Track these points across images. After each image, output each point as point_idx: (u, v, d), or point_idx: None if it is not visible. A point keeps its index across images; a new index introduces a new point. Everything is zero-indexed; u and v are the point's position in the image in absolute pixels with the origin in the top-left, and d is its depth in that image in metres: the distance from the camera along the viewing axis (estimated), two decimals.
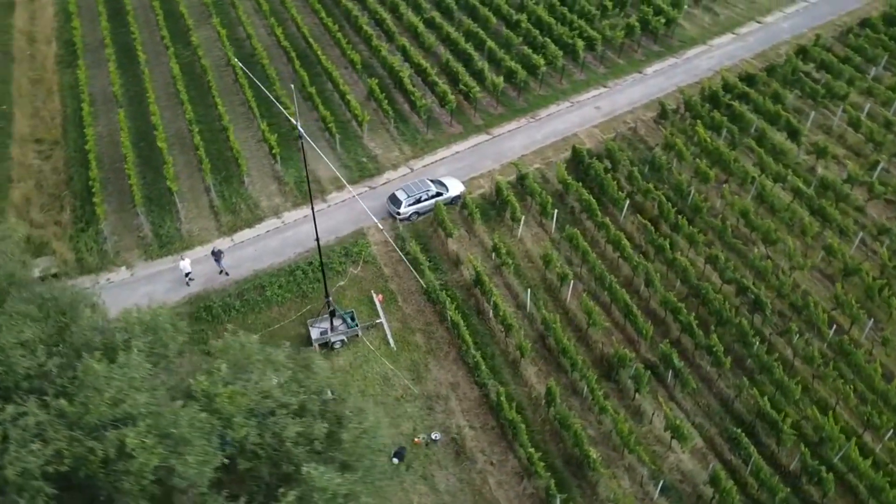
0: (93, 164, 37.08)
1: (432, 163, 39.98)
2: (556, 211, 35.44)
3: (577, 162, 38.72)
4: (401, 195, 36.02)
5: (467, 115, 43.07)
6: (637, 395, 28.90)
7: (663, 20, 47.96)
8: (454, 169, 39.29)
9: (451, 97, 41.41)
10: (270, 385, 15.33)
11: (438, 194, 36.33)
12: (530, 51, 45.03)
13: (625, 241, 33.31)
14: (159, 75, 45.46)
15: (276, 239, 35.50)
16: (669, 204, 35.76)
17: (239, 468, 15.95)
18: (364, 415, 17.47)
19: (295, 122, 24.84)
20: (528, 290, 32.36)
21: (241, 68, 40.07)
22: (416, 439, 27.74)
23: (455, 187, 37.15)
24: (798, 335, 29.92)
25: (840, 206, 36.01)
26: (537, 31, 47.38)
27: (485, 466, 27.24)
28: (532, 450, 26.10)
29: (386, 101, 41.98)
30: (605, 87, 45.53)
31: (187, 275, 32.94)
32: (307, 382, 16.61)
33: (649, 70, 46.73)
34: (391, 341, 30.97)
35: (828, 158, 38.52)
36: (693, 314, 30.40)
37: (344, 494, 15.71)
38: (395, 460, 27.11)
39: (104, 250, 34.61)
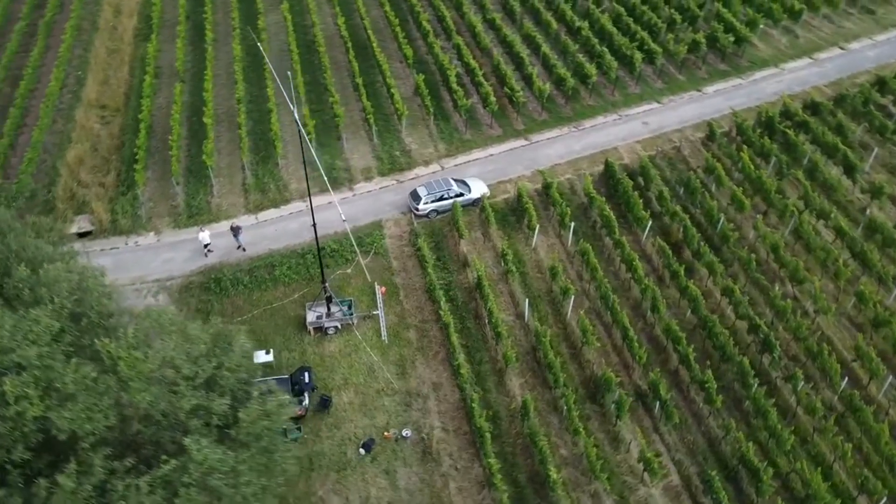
0: (142, 133, 39.26)
1: (465, 162, 39.91)
2: (573, 223, 34.66)
3: (609, 176, 37.67)
4: (422, 191, 36.20)
5: (510, 119, 42.71)
6: (618, 421, 27.91)
7: (733, 38, 45.85)
8: (484, 171, 39.08)
9: (493, 99, 41.17)
10: (175, 355, 15.87)
11: (460, 194, 36.23)
12: (584, 59, 44.07)
13: (637, 263, 32.15)
14: (224, 55, 47.54)
15: (297, 221, 36.43)
16: (695, 229, 34.24)
17: (129, 431, 16.59)
18: (271, 397, 17.75)
19: (292, 109, 25.42)
20: (527, 299, 31.84)
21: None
22: (386, 433, 27.91)
23: (478, 189, 36.95)
24: (803, 382, 28.02)
25: (886, 251, 33.42)
26: (597, 40, 46.36)
27: (448, 470, 27.09)
28: (494, 460, 25.72)
29: (430, 98, 42.23)
30: (658, 102, 44.01)
31: (206, 246, 34.37)
32: (223, 359, 17.07)
33: (709, 89, 44.78)
34: (384, 334, 31.24)
35: (883, 199, 35.78)
36: (693, 346, 29.07)
37: (225, 471, 16.04)
38: (363, 451, 27.42)
39: (138, 215, 36.62)
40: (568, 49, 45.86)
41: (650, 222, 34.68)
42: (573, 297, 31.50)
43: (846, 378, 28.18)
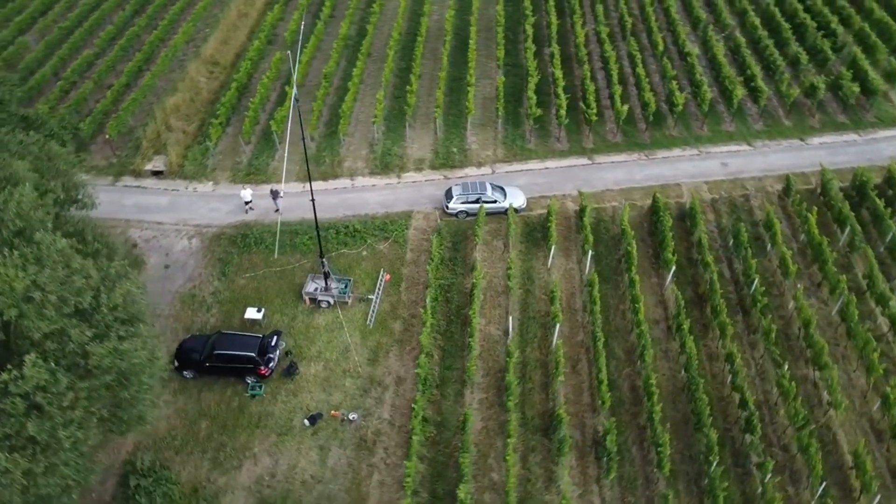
0: (232, 91, 42.70)
1: (518, 171, 39.37)
2: (591, 251, 33.19)
3: (654, 212, 35.52)
4: (456, 190, 36.32)
5: (581, 136, 41.39)
6: (558, 459, 26.67)
7: (858, 88, 41.07)
8: (533, 183, 38.34)
9: (563, 112, 40.12)
10: (47, 282, 17.34)
11: (493, 201, 35.89)
12: (676, 86, 41.55)
13: (640, 305, 30.24)
14: (332, 30, 50.07)
15: (337, 197, 38.00)
16: (723, 284, 31.56)
17: None
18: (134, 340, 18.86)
19: (293, 90, 26.69)
20: (510, 317, 31.09)
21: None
22: (334, 412, 28.71)
23: (514, 199, 36.35)
24: (771, 475, 25.11)
25: None
26: (701, 68, 43.53)
27: (378, 463, 27.38)
28: (414, 464, 25.69)
29: (510, 103, 42.07)
30: (749, 145, 40.59)
31: (247, 203, 36.88)
32: (103, 296, 18.44)
33: (815, 140, 40.56)
34: (371, 319, 31.94)
35: None
36: (675, 406, 27.02)
37: (54, 391, 17.41)
38: (307, 423, 28.45)
39: (204, 164, 40.00)
40: (666, 73, 43.43)
41: (674, 267, 32.36)
42: (559, 325, 30.30)
43: (824, 483, 24.82)
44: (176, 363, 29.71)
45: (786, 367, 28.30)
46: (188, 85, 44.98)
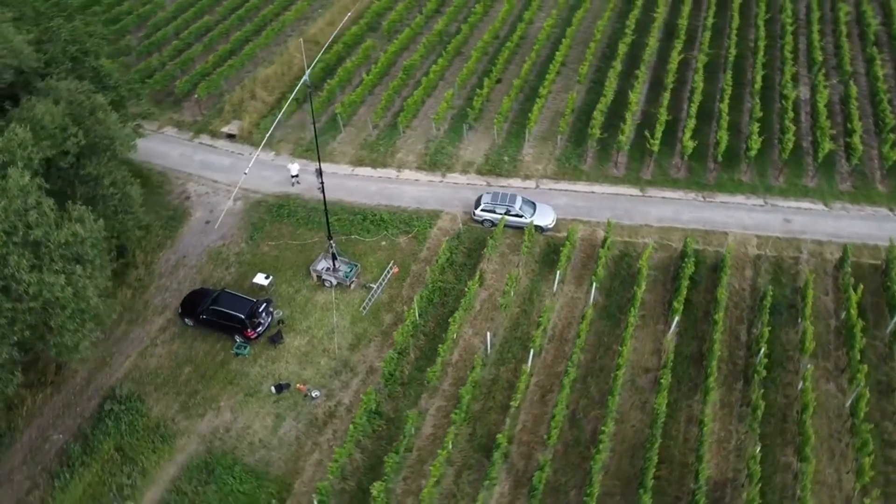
0: (316, 70, 45.06)
1: (561, 190, 38.49)
2: (595, 285, 31.94)
3: (682, 256, 33.46)
4: (485, 199, 36.23)
5: (642, 165, 39.64)
6: (486, 484, 26.20)
7: None
8: (571, 205, 37.36)
9: (623, 137, 38.60)
10: None
11: (519, 216, 35.44)
12: (757, 128, 38.61)
13: (624, 348, 28.79)
14: (434, 24, 51.08)
15: (377, 186, 39.14)
16: (720, 345, 29.28)
17: None
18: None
19: (306, 77, 27.97)
20: (489, 333, 30.68)
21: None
22: (300, 385, 29.96)
23: (543, 217, 35.65)
24: None
25: None
26: (793, 114, 40.14)
27: (323, 443, 28.20)
28: (345, 450, 26.33)
29: (578, 120, 41.24)
30: (826, 205, 36.98)
31: (294, 177, 38.98)
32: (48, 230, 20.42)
33: None
34: (365, 307, 32.83)
35: None
36: (628, 459, 25.70)
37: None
38: (274, 390, 29.94)
39: (273, 135, 42.59)
40: (752, 115, 40.40)
41: (678, 317, 30.40)
42: (536, 351, 29.56)
43: None
44: (180, 310, 32.32)
45: (758, 448, 25.83)
46: (284, 59, 47.92)
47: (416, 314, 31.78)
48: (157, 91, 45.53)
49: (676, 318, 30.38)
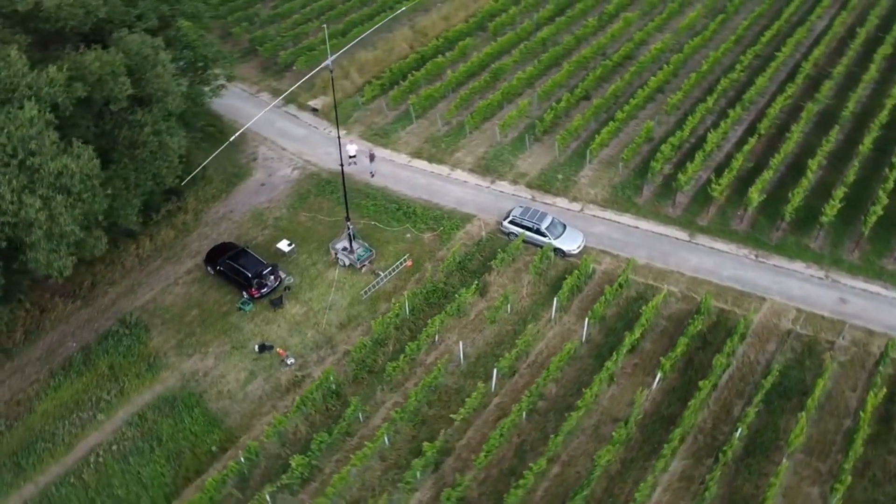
0: (408, 60, 46.26)
1: (603, 218, 36.90)
2: (588, 320, 30.47)
3: (695, 311, 31.01)
4: (515, 212, 35.65)
5: (702, 208, 36.95)
6: (400, 484, 26.15)
7: None
8: (608, 236, 35.75)
9: (683, 178, 36.17)
10: None
11: (544, 235, 34.52)
12: (843, 193, 34.63)
13: (586, 391, 27.36)
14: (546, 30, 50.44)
15: (426, 180, 39.70)
16: (694, 416, 26.93)
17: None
18: None
19: (329, 62, 29.08)
20: (461, 342, 30.26)
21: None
22: (280, 350, 31.47)
23: (569, 242, 34.46)
24: None
25: None
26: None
27: (279, 408, 29.41)
28: (284, 419, 27.42)
29: (655, 150, 39.25)
30: None
31: (352, 157, 40.51)
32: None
33: None
34: (367, 292, 33.66)
35: None
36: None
37: None
38: (256, 349, 31.70)
39: (350, 115, 44.54)
40: (846, 178, 36.25)
41: (660, 374, 28.29)
42: (498, 371, 28.85)
43: None
44: (205, 258, 35.06)
45: None
46: (387, 46, 49.68)
47: (407, 309, 32.11)
48: (265, 59, 49.07)
49: (659, 374, 28.28)
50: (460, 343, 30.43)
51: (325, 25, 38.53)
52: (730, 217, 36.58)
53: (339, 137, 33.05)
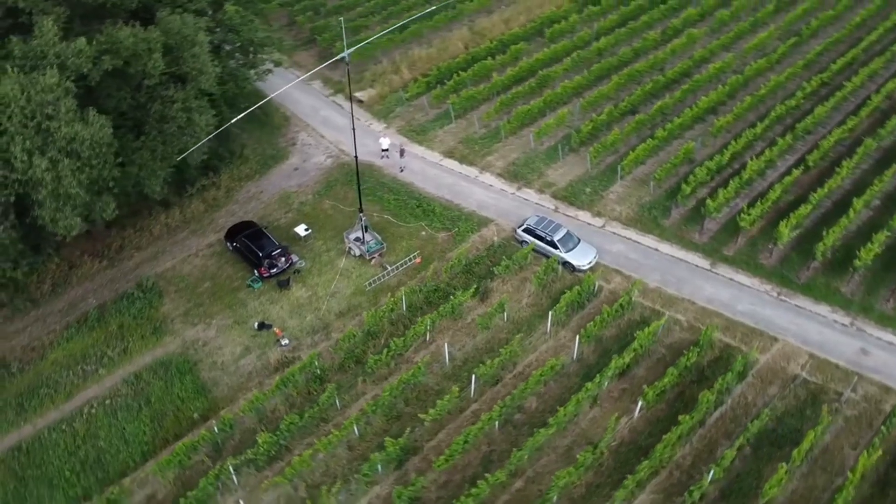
0: (458, 60, 46.36)
1: (622, 237, 35.83)
2: (578, 337, 29.70)
3: (692, 343, 29.69)
4: (530, 221, 35.17)
5: (731, 240, 35.29)
6: (357, 475, 26.33)
7: None
8: (623, 255, 34.72)
9: (713, 204, 34.67)
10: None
11: (555, 246, 33.89)
12: (884, 236, 32.37)
13: (562, 409, 26.72)
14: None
15: (453, 179, 39.67)
16: (671, 449, 25.81)
17: None
18: None
19: (346, 54, 29.51)
20: (446, 344, 30.09)
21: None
22: (278, 330, 32.28)
23: (580, 257, 33.69)
24: None
25: None
26: None
27: (265, 385, 30.24)
28: (263, 395, 28.17)
29: (688, 172, 37.89)
30: None
31: (384, 150, 40.94)
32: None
33: None
34: (371, 283, 34.04)
35: None
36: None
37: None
38: (256, 325, 32.68)
39: (389, 108, 45.06)
40: (890, 226, 33.83)
41: (642, 403, 27.25)
42: (476, 377, 28.57)
43: None
44: (226, 234, 36.41)
45: None
46: (443, 44, 49.92)
47: (404, 305, 32.27)
48: (322, 49, 50.30)
49: (641, 402, 27.25)
50: (446, 345, 30.31)
51: (341, 19, 38.72)
52: (759, 250, 34.77)
53: (353, 129, 33.59)
